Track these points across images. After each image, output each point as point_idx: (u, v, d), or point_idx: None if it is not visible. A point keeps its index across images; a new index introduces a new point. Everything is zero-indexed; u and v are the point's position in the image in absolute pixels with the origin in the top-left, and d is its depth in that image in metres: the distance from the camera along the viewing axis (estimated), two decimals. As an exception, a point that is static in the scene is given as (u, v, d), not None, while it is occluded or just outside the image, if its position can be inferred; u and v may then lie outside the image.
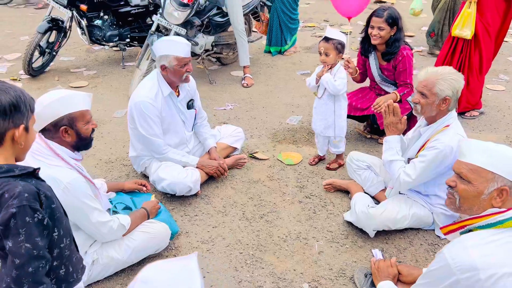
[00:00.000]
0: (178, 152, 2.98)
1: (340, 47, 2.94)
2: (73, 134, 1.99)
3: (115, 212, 2.38)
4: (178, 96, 2.98)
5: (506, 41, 5.06)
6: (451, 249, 1.48)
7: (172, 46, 2.77)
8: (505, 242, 1.45)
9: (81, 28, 5.00)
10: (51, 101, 1.92)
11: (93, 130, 2.09)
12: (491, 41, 3.82)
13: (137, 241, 2.26)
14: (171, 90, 2.90)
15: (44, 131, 1.97)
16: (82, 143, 2.05)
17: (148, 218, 2.39)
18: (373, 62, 3.39)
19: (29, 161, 1.84)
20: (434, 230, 2.65)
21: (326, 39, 2.95)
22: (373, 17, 3.20)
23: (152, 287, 1.02)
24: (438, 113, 2.42)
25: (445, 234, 1.73)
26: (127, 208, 2.43)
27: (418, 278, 1.64)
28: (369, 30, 3.24)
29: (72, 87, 4.76)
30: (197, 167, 2.98)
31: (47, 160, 1.93)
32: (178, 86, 2.97)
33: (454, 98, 2.37)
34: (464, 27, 3.77)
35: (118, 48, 5.44)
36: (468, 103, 4.04)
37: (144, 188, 2.68)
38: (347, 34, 3.15)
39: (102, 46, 5.39)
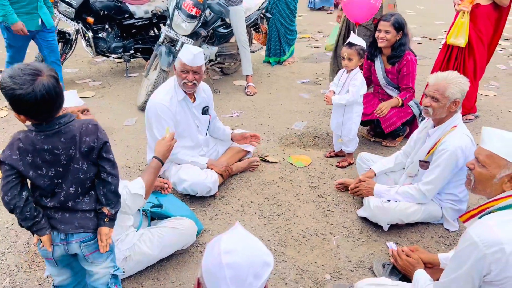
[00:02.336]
0: (187, 153, 3.11)
1: (362, 53, 3.16)
2: None
3: (144, 212, 2.48)
4: (193, 102, 3.12)
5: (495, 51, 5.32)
6: (476, 229, 1.62)
7: (184, 51, 2.92)
8: None
9: (86, 40, 5.12)
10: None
11: None
12: (484, 49, 4.05)
13: (167, 237, 2.37)
14: (185, 95, 3.04)
15: None
16: None
17: (162, 165, 2.36)
18: (378, 65, 3.59)
19: None
20: (443, 224, 2.81)
21: (350, 44, 3.15)
22: (380, 21, 3.44)
23: (238, 255, 1.14)
24: (447, 115, 2.59)
25: (464, 221, 1.88)
26: (155, 207, 2.53)
27: (448, 261, 1.78)
28: (376, 34, 3.46)
29: (79, 97, 4.84)
30: (207, 167, 3.11)
31: None
32: (195, 92, 3.11)
33: (462, 100, 2.55)
34: (458, 35, 3.99)
35: (121, 60, 5.57)
36: (464, 108, 4.25)
37: (166, 185, 2.75)
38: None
39: (106, 58, 5.52)
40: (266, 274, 1.14)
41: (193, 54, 2.90)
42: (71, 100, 1.99)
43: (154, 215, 2.56)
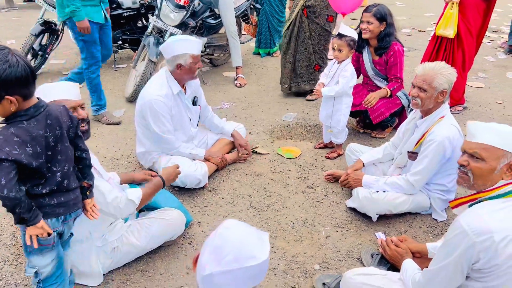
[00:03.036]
0: (187, 146, 3.09)
1: (352, 44, 3.14)
2: None
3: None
4: (185, 93, 3.09)
5: (482, 42, 5.35)
6: (466, 217, 1.62)
7: (189, 45, 2.86)
8: None
9: (73, 30, 5.03)
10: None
11: (82, 120, 1.99)
12: (472, 40, 4.07)
13: (155, 228, 2.36)
14: (181, 88, 3.01)
15: None
16: None
17: (164, 187, 2.41)
18: (366, 57, 3.59)
19: None
20: (431, 214, 2.83)
21: (340, 35, 3.14)
22: (363, 13, 3.44)
23: (233, 233, 1.19)
24: (435, 105, 2.60)
25: (453, 207, 1.88)
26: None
27: (437, 250, 1.79)
28: (361, 25, 3.46)
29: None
30: (205, 158, 3.10)
31: None
32: (185, 84, 3.08)
33: (449, 90, 2.56)
34: (447, 27, 4.00)
35: (109, 51, 5.49)
36: (452, 99, 4.27)
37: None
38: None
39: (94, 49, 5.42)
40: (247, 264, 1.14)
41: (199, 43, 2.90)
42: (72, 92, 2.00)
43: (146, 208, 2.54)
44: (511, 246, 1.55)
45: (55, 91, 1.96)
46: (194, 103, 3.18)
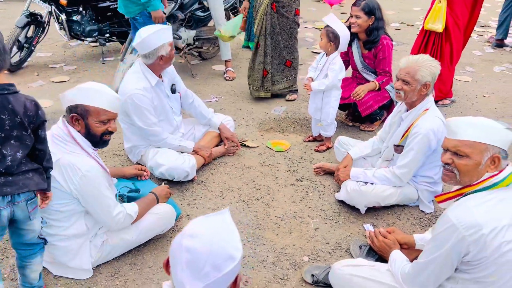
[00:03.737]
0: (176, 137, 3.07)
1: (331, 36, 3.13)
2: (83, 126, 2.05)
3: (121, 197, 2.45)
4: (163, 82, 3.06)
5: (470, 36, 5.41)
6: (455, 211, 1.64)
7: (164, 34, 2.83)
8: (499, 199, 1.64)
9: (59, 23, 4.96)
10: (77, 88, 2.02)
11: (109, 132, 2.11)
12: (460, 34, 4.10)
13: (145, 222, 2.34)
14: (158, 79, 2.97)
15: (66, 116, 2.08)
16: (91, 139, 2.09)
17: (157, 203, 2.45)
18: (355, 50, 3.59)
19: (50, 148, 1.96)
20: (418, 206, 2.85)
21: (326, 25, 3.16)
22: (352, 7, 3.44)
23: (200, 241, 1.09)
24: (418, 98, 2.61)
25: (439, 202, 1.90)
26: (132, 191, 2.50)
27: (426, 243, 1.81)
28: (349, 20, 3.46)
29: (53, 81, 4.73)
30: (194, 150, 3.08)
31: (66, 146, 2.03)
32: (161, 73, 3.04)
33: (432, 83, 2.57)
34: (435, 21, 4.02)
35: (96, 44, 5.43)
36: (440, 92, 4.30)
37: (145, 173, 2.74)
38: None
39: (81, 42, 5.37)
40: (228, 268, 1.07)
41: (169, 28, 2.90)
42: (115, 105, 2.11)
43: (131, 200, 2.51)
44: (498, 237, 1.57)
45: (101, 99, 2.03)
46: (173, 91, 3.14)
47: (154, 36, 2.80)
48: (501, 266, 1.61)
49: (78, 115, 2.03)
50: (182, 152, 3.06)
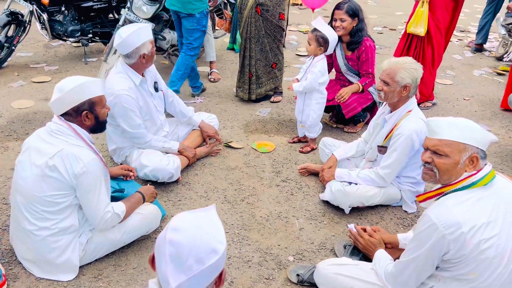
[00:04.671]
0: (159, 139, 3.05)
1: (321, 41, 3.17)
2: (93, 118, 2.14)
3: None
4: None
5: (451, 41, 5.52)
6: (435, 210, 1.68)
7: (144, 33, 2.81)
8: (477, 198, 1.68)
9: (41, 22, 4.89)
10: (73, 87, 2.02)
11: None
12: (441, 37, 4.18)
13: (130, 221, 2.32)
14: (142, 78, 2.95)
15: (64, 115, 2.08)
16: (99, 126, 2.20)
17: (144, 202, 2.43)
18: (339, 52, 3.63)
19: (50, 140, 2.00)
20: (401, 206, 2.89)
21: (313, 29, 3.18)
22: (335, 10, 3.48)
23: (183, 235, 1.11)
24: (399, 99, 2.65)
25: (420, 201, 1.93)
26: (117, 191, 2.47)
27: (409, 242, 1.84)
28: (333, 23, 3.49)
29: (34, 82, 4.65)
30: (178, 151, 3.07)
31: (68, 139, 2.06)
32: (144, 72, 3.01)
33: (413, 85, 2.60)
34: (418, 25, 4.10)
35: (79, 44, 5.36)
36: (422, 95, 4.38)
37: (131, 173, 2.71)
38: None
39: (63, 42, 5.29)
40: (211, 261, 1.09)
41: (148, 25, 2.91)
42: (102, 88, 2.18)
43: (115, 200, 2.49)
44: (477, 235, 1.61)
45: (97, 87, 2.14)
46: (156, 89, 3.12)
47: (134, 35, 2.77)
48: (481, 263, 1.65)
49: (88, 110, 2.11)
50: (166, 153, 3.04)
